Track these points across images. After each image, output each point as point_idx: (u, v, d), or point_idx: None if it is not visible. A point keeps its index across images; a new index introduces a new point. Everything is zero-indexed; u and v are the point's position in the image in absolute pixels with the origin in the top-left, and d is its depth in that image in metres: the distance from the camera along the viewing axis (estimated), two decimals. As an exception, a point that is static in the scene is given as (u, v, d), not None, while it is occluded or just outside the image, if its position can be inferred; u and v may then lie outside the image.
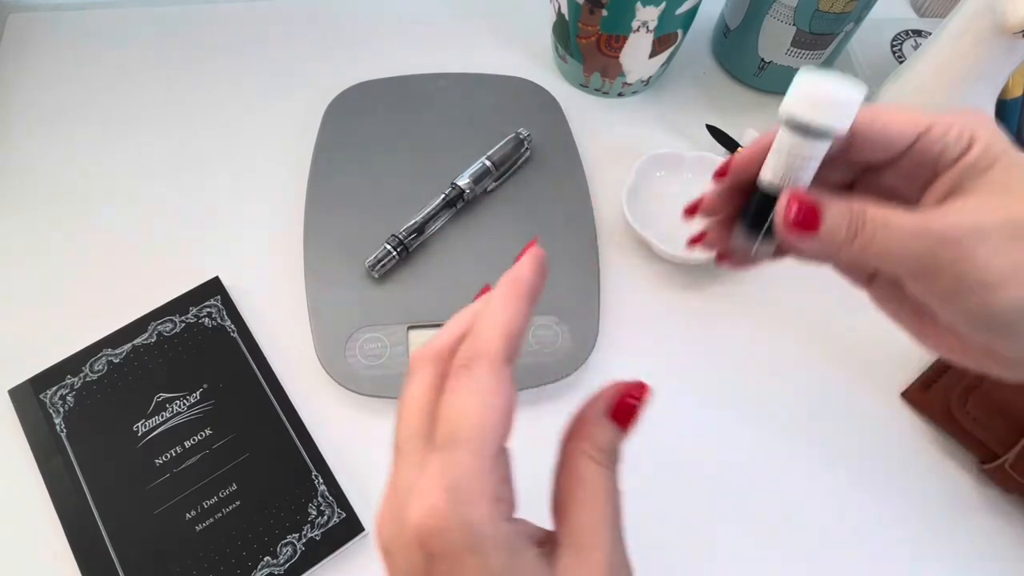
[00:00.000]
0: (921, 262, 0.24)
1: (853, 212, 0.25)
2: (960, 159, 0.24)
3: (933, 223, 0.23)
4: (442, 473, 0.20)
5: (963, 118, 0.25)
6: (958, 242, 0.23)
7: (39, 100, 0.55)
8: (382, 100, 0.52)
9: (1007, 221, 0.23)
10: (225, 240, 0.49)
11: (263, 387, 0.42)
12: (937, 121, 0.25)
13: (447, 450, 0.20)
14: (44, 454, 0.40)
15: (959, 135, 0.24)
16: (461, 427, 0.20)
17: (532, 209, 0.48)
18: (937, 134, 0.24)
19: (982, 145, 0.24)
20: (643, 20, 0.48)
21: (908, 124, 0.25)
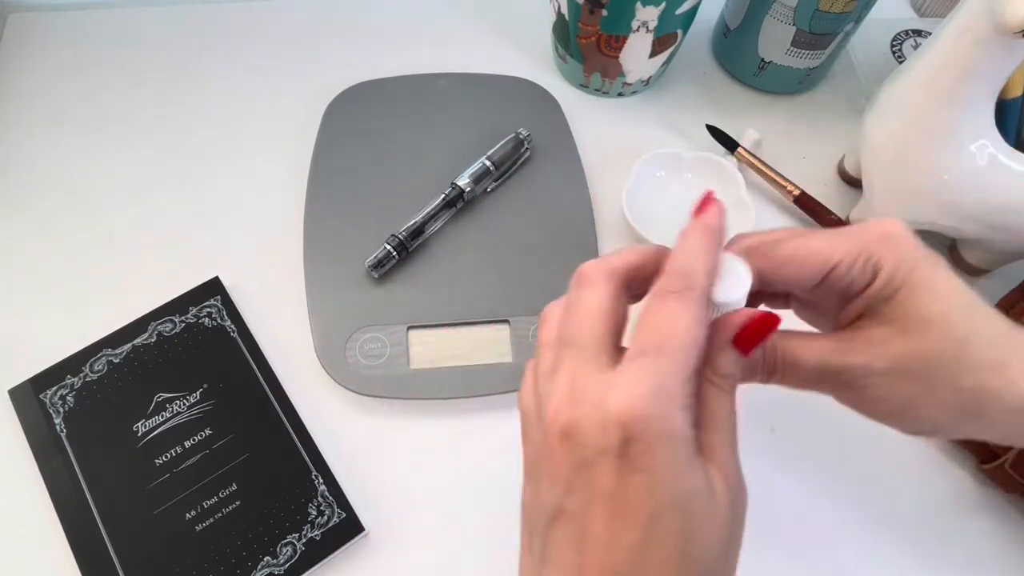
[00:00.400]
0: (827, 390, 0.28)
1: (765, 356, 0.28)
2: (865, 289, 0.27)
3: (831, 362, 0.27)
4: (650, 372, 0.22)
5: (870, 246, 0.26)
6: (852, 384, 0.27)
7: (39, 100, 0.55)
8: (382, 100, 0.52)
9: (894, 363, 0.26)
10: (225, 240, 0.49)
11: (263, 387, 0.42)
12: (844, 258, 0.26)
13: (653, 356, 0.23)
14: (44, 454, 0.40)
15: (864, 267, 0.26)
16: (669, 340, 0.23)
17: (532, 209, 0.48)
18: (843, 270, 0.26)
19: (885, 275, 0.26)
20: (643, 20, 0.48)
21: (815, 266, 0.27)
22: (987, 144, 0.40)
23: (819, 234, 0.27)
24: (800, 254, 0.27)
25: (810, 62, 0.53)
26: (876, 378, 0.27)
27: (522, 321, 0.44)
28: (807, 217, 0.50)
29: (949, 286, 0.27)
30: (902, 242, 0.27)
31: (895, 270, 0.26)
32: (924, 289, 0.26)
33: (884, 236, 0.27)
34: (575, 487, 0.23)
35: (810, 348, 0.27)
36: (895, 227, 0.27)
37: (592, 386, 0.23)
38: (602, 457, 0.22)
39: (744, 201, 0.48)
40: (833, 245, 0.27)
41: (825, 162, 0.54)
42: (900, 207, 0.45)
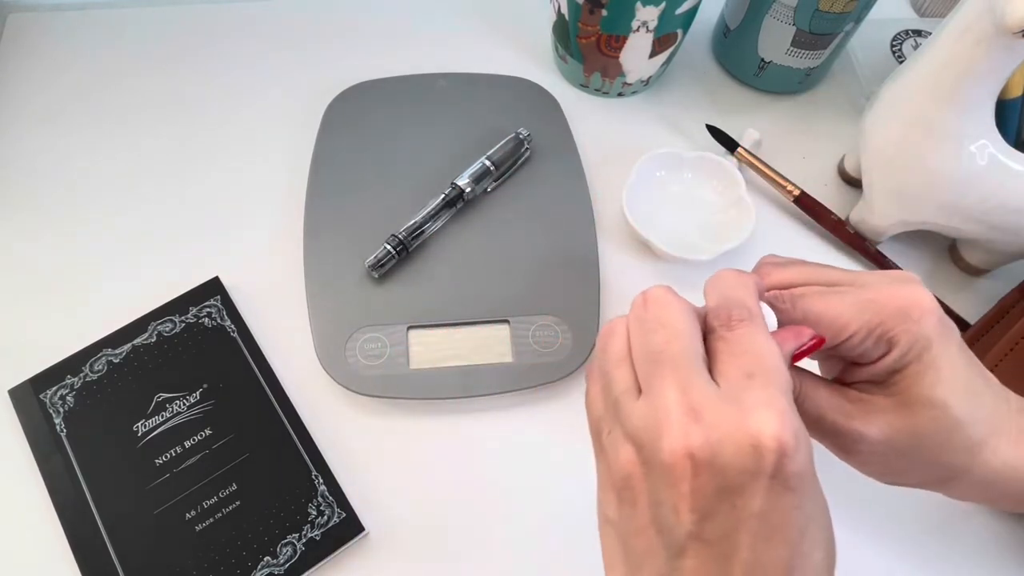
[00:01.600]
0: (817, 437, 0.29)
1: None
2: (877, 361, 0.28)
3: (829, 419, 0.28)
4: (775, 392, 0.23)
5: (889, 321, 0.27)
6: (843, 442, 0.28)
7: (39, 100, 0.55)
8: (382, 100, 0.52)
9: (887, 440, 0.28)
10: (225, 240, 0.49)
11: (263, 387, 0.42)
12: (860, 330, 0.27)
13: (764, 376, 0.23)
14: (44, 454, 0.40)
15: (877, 341, 0.27)
16: (769, 360, 0.24)
17: (532, 209, 0.48)
18: (857, 340, 0.27)
19: (898, 353, 0.27)
20: (643, 20, 0.48)
21: (831, 332, 0.27)
22: (987, 144, 0.40)
23: (840, 297, 0.27)
24: (817, 318, 0.27)
25: (810, 62, 0.53)
26: (866, 444, 0.28)
27: (522, 321, 0.44)
28: (807, 217, 0.50)
29: (955, 369, 0.27)
30: (921, 319, 0.27)
31: (909, 348, 0.27)
32: (932, 371, 0.27)
33: (904, 311, 0.27)
34: (716, 513, 0.22)
35: (815, 398, 0.28)
36: (918, 300, 0.27)
37: (719, 406, 0.23)
38: (753, 481, 0.22)
39: (744, 201, 0.48)
40: (852, 315, 0.27)
41: (825, 162, 0.54)
42: (900, 207, 0.45)
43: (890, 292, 0.27)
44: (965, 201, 0.42)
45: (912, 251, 0.50)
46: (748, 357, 0.24)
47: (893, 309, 0.27)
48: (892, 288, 0.27)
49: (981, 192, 0.41)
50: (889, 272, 0.29)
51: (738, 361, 0.24)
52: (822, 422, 0.28)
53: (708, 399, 0.23)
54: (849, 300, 0.27)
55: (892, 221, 0.47)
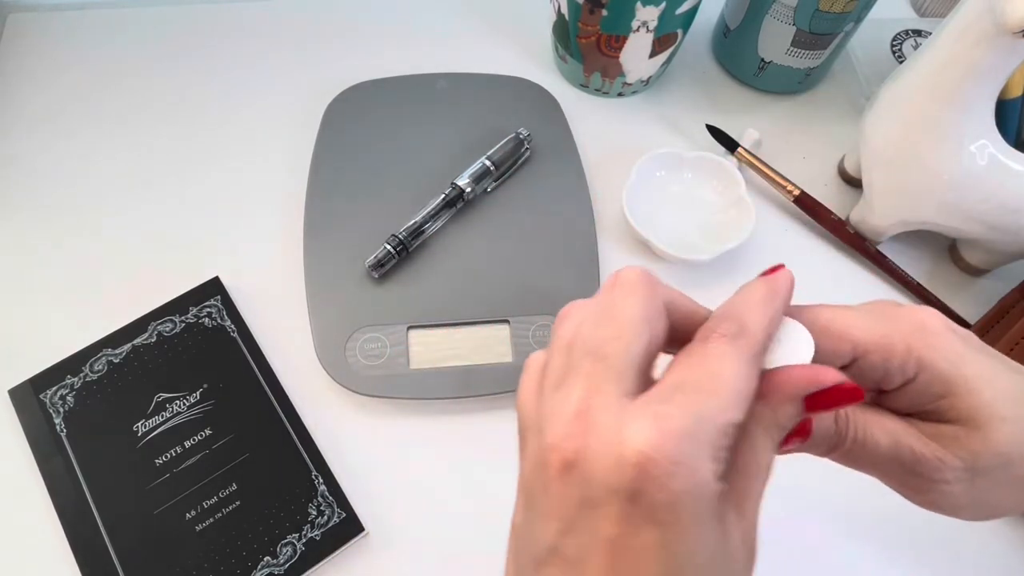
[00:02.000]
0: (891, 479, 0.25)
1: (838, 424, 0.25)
2: (908, 386, 0.24)
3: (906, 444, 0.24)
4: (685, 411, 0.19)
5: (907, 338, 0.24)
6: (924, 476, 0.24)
7: (39, 99, 0.55)
8: (382, 100, 0.52)
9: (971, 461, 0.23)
10: (225, 240, 0.49)
11: (263, 387, 0.42)
12: (875, 346, 0.24)
13: (692, 394, 0.20)
14: (44, 454, 0.40)
15: (902, 363, 0.24)
16: (715, 381, 0.20)
17: (532, 209, 0.48)
18: (876, 360, 0.24)
19: (931, 374, 0.24)
20: (643, 20, 0.48)
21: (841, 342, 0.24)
22: (987, 144, 0.40)
23: (855, 311, 0.25)
24: (826, 327, 0.24)
25: (810, 62, 0.53)
26: (950, 473, 0.24)
27: (522, 321, 0.44)
28: (807, 217, 0.50)
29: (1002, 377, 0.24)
30: (942, 336, 0.24)
31: (941, 368, 0.24)
32: (983, 386, 0.24)
33: (920, 329, 0.24)
34: (575, 528, 0.20)
35: (884, 425, 0.25)
36: (933, 318, 0.24)
37: (610, 412, 0.20)
38: (611, 498, 0.19)
39: (744, 201, 0.48)
40: (865, 326, 0.24)
41: (825, 162, 0.54)
42: (900, 207, 0.45)
43: (902, 309, 0.25)
44: (965, 201, 0.42)
45: (912, 251, 0.50)
46: (690, 370, 0.21)
47: (910, 323, 0.24)
48: (903, 307, 0.25)
49: (981, 192, 0.41)
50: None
51: (678, 371, 0.21)
52: (899, 450, 0.24)
53: (607, 405, 0.20)
54: (862, 312, 0.25)
55: (892, 221, 0.47)
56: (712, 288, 0.48)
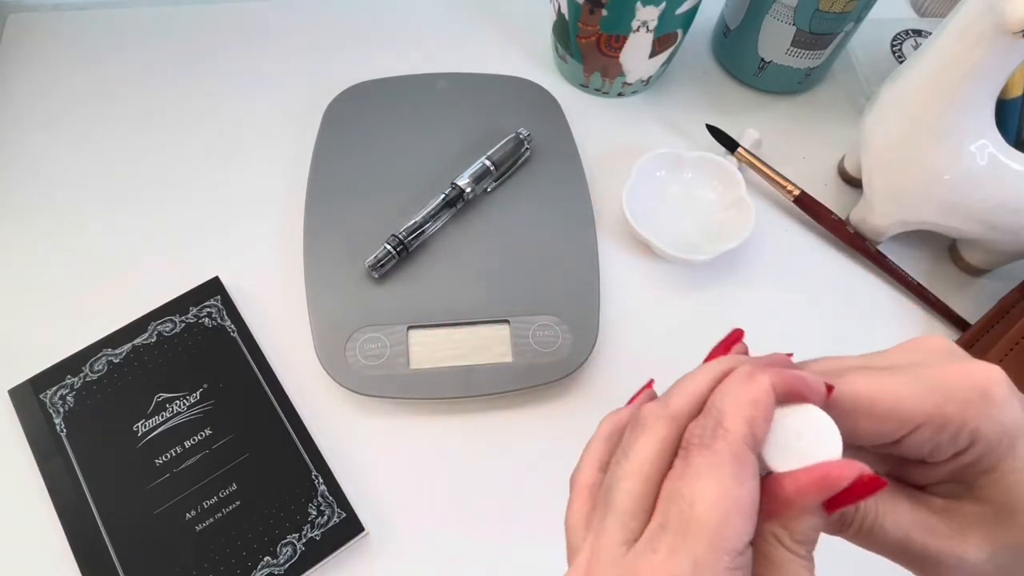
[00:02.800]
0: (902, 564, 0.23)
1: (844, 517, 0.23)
2: (956, 457, 0.22)
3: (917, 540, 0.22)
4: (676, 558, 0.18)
5: (964, 407, 0.21)
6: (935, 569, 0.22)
7: (39, 100, 0.55)
8: (382, 100, 0.52)
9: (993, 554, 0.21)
10: (225, 240, 0.49)
11: (263, 387, 0.42)
12: (927, 419, 0.21)
13: (679, 535, 0.19)
14: (44, 454, 0.40)
15: (956, 434, 0.21)
16: (699, 513, 0.19)
17: (532, 209, 0.48)
18: (925, 435, 0.21)
19: (983, 447, 0.21)
20: (643, 20, 0.48)
21: (888, 423, 0.21)
22: (987, 144, 0.40)
23: (894, 376, 0.21)
24: (871, 405, 0.21)
25: (810, 62, 0.53)
26: (967, 567, 0.22)
27: (522, 321, 0.44)
28: (807, 217, 0.50)
29: None
30: (1005, 405, 0.21)
31: (998, 441, 0.21)
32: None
33: (984, 393, 0.21)
34: None
35: (895, 515, 0.22)
36: (995, 380, 0.21)
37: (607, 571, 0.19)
38: None
39: (744, 201, 0.48)
40: (914, 397, 0.21)
41: (825, 162, 0.54)
42: (900, 207, 0.45)
43: (957, 369, 0.21)
44: (965, 201, 0.42)
45: (912, 251, 0.50)
46: (675, 503, 0.19)
47: (968, 390, 0.21)
48: (957, 364, 0.22)
49: (981, 192, 0.41)
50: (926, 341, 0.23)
51: (664, 504, 0.19)
52: (908, 545, 0.22)
53: (608, 560, 0.19)
54: (908, 378, 0.21)
55: (892, 221, 0.47)
56: (712, 288, 0.48)
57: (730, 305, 0.48)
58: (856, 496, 0.19)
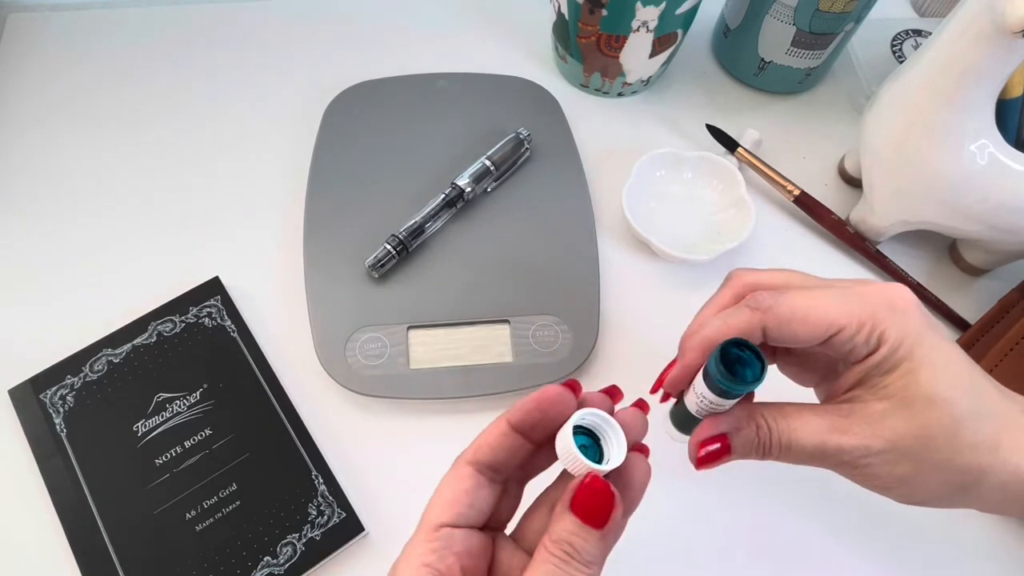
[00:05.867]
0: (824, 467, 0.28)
1: (760, 438, 0.27)
2: (866, 358, 0.27)
3: (829, 443, 0.27)
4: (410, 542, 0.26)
5: (877, 314, 0.26)
6: (850, 464, 0.27)
7: (39, 99, 0.55)
8: (382, 100, 0.52)
9: (892, 446, 0.26)
10: (225, 240, 0.49)
11: (263, 387, 0.42)
12: (849, 323, 0.26)
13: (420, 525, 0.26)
14: (44, 454, 0.40)
15: (868, 336, 0.26)
16: (430, 507, 0.26)
17: (532, 209, 0.48)
18: (846, 336, 0.26)
19: (888, 348, 0.26)
20: (643, 20, 0.48)
21: (820, 327, 0.26)
22: (987, 144, 0.40)
23: (825, 293, 0.27)
24: (805, 314, 0.26)
25: (810, 62, 0.53)
26: (873, 457, 0.27)
27: (522, 321, 0.44)
28: (807, 217, 0.50)
29: (952, 363, 0.26)
30: (910, 314, 0.26)
31: (899, 343, 0.26)
32: (927, 365, 0.26)
33: (891, 305, 0.26)
34: None
35: (807, 429, 0.27)
36: (903, 296, 0.27)
37: None
38: None
39: (744, 201, 0.48)
40: (840, 308, 0.26)
41: (825, 162, 0.54)
42: (900, 207, 0.45)
43: (874, 288, 0.27)
44: (965, 201, 0.42)
45: (912, 251, 0.50)
46: None
47: (880, 302, 0.26)
48: (875, 285, 0.28)
49: (981, 192, 0.41)
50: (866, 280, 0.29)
51: None
52: (824, 449, 0.27)
53: None
54: (834, 295, 0.27)
55: (892, 221, 0.47)
56: (712, 288, 0.48)
57: (730, 305, 0.47)
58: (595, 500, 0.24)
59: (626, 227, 0.49)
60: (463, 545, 0.25)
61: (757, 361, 0.25)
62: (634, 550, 0.39)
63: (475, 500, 0.26)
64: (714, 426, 0.28)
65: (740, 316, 0.27)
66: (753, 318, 0.27)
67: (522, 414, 0.26)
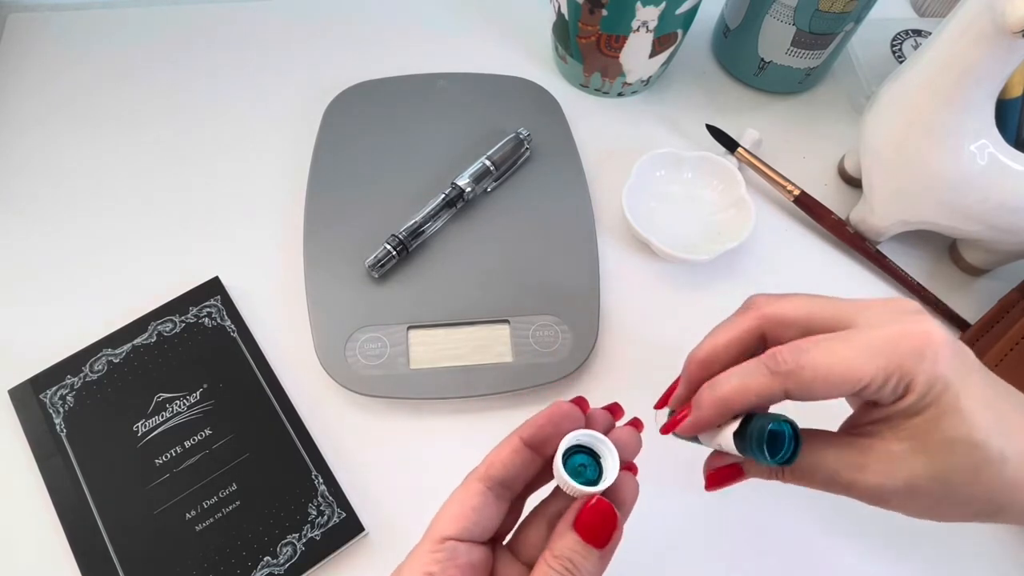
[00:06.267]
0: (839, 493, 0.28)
1: (773, 468, 0.28)
2: (892, 404, 0.26)
3: (842, 477, 0.27)
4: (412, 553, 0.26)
5: (904, 364, 0.25)
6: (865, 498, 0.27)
7: (39, 99, 0.55)
8: (382, 100, 0.52)
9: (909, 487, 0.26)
10: (225, 240, 0.49)
11: (263, 387, 0.42)
12: (874, 377, 0.25)
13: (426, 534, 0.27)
14: (44, 454, 0.40)
15: (895, 387, 0.25)
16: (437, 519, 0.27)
17: (532, 209, 0.48)
18: (872, 389, 0.26)
19: (915, 396, 0.25)
20: (643, 20, 0.48)
21: (845, 386, 0.26)
22: (987, 144, 0.40)
23: (849, 345, 0.26)
24: (828, 373, 0.25)
25: (810, 62, 0.53)
26: (889, 495, 0.27)
27: (522, 321, 0.44)
28: (807, 217, 0.50)
29: (979, 405, 0.26)
30: (938, 358, 0.25)
31: (927, 391, 0.25)
32: (952, 411, 0.25)
33: (920, 352, 0.25)
34: None
35: (823, 458, 0.27)
36: (931, 338, 0.25)
37: None
38: None
39: (744, 201, 0.48)
40: (865, 362, 0.25)
41: (825, 162, 0.54)
42: (900, 207, 0.45)
43: (900, 331, 0.26)
44: (965, 201, 0.42)
45: (912, 251, 0.50)
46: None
47: (907, 350, 0.25)
48: (901, 326, 0.26)
49: (981, 192, 0.41)
50: (891, 302, 0.27)
51: None
52: (837, 482, 0.27)
53: None
54: (858, 346, 0.26)
55: (892, 221, 0.47)
56: (712, 288, 0.48)
57: (730, 305, 0.47)
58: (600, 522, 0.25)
59: (626, 227, 0.49)
60: (466, 558, 0.26)
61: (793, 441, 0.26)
62: (635, 551, 0.39)
63: (481, 517, 0.26)
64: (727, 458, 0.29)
65: (759, 380, 0.26)
66: (774, 383, 0.26)
67: (534, 429, 0.27)
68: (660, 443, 0.32)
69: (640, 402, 0.43)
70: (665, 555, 0.39)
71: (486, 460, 0.27)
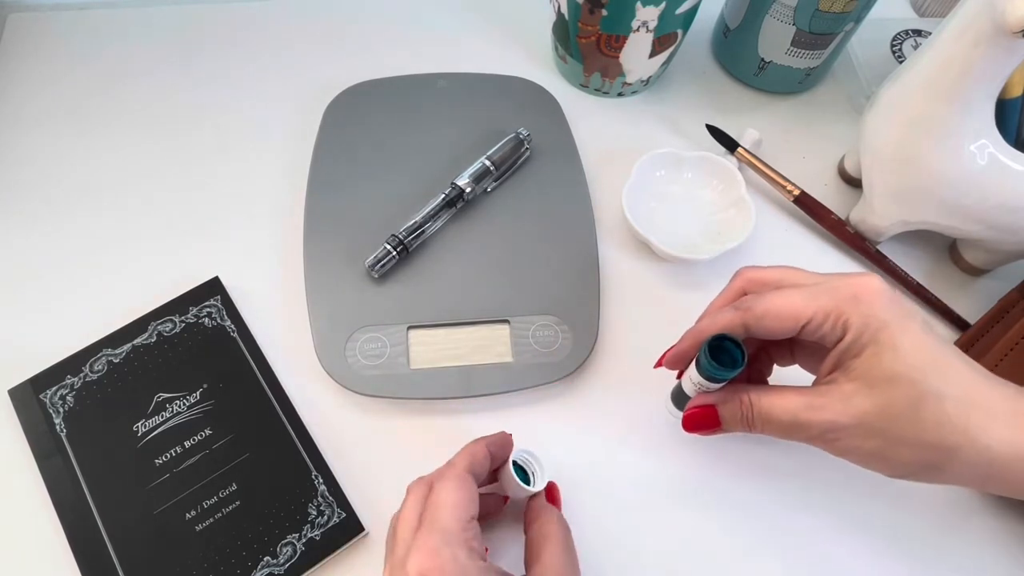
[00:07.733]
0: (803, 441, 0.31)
1: (743, 411, 0.32)
2: (836, 345, 0.30)
3: (801, 418, 0.30)
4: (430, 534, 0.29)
5: (841, 305, 0.29)
6: (821, 437, 0.31)
7: (39, 100, 0.55)
8: (382, 100, 0.52)
9: (859, 423, 0.29)
10: (225, 240, 0.49)
11: (263, 387, 0.42)
12: (815, 315, 0.30)
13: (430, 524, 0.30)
14: (44, 454, 0.40)
15: (833, 325, 0.30)
16: (437, 510, 0.30)
17: (532, 209, 0.48)
18: (813, 327, 0.30)
19: (852, 335, 0.29)
20: (643, 20, 0.48)
21: (789, 321, 0.30)
22: (987, 144, 0.40)
23: (798, 291, 0.31)
24: (777, 311, 0.31)
25: (810, 62, 0.53)
26: (842, 432, 0.30)
27: (522, 321, 0.44)
28: (807, 217, 0.50)
29: (915, 345, 0.29)
30: (873, 302, 0.29)
31: (862, 330, 0.29)
32: (889, 348, 0.28)
33: (855, 296, 0.29)
34: None
35: (783, 405, 0.31)
36: (868, 286, 0.30)
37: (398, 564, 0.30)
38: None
39: (744, 201, 0.48)
40: (807, 303, 0.30)
41: (825, 162, 0.54)
42: (900, 207, 0.45)
43: (843, 281, 0.30)
44: (965, 201, 0.42)
45: (912, 251, 0.50)
46: (428, 509, 0.31)
47: (846, 295, 0.30)
48: (846, 278, 0.30)
49: (981, 192, 0.41)
50: (854, 273, 0.31)
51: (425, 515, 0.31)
52: (797, 424, 0.31)
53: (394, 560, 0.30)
54: (805, 293, 0.30)
55: (892, 221, 0.47)
56: (712, 288, 0.48)
57: (730, 305, 0.47)
58: None
59: (626, 227, 0.49)
60: (480, 532, 0.32)
61: (739, 352, 0.31)
62: (637, 550, 0.39)
63: (477, 500, 0.32)
64: (705, 398, 0.34)
65: (726, 315, 0.32)
66: (735, 317, 0.32)
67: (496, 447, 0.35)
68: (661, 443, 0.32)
69: (640, 401, 0.43)
70: (666, 556, 0.39)
71: (468, 458, 0.34)
